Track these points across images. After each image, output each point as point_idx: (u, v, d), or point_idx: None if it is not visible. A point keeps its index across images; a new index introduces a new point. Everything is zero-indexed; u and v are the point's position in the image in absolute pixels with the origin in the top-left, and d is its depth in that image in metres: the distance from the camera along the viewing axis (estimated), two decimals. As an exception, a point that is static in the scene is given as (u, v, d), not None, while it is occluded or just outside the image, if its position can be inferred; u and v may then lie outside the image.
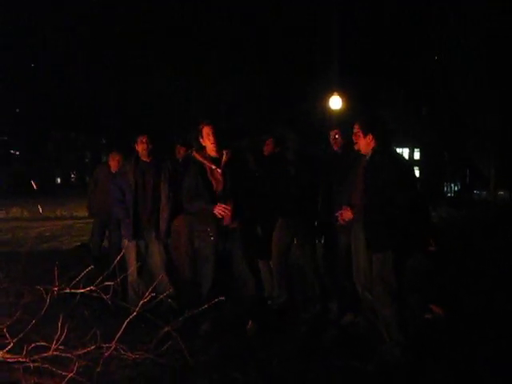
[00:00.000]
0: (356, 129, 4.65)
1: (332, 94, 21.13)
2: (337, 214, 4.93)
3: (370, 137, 4.56)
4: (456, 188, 38.25)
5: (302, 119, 26.35)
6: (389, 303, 4.42)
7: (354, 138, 4.72)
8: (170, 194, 5.54)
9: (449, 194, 36.75)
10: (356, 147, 4.70)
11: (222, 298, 4.49)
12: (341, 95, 20.98)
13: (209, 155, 5.14)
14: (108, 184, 6.79)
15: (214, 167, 5.10)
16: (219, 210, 4.91)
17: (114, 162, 7.01)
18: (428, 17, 29.47)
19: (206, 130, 5.06)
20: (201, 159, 5.14)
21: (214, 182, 5.11)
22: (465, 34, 27.68)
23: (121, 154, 7.04)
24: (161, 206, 5.53)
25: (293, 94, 29.00)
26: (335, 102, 20.97)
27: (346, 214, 4.78)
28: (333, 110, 20.93)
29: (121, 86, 30.26)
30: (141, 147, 5.56)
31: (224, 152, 5.12)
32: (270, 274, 6.02)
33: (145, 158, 5.61)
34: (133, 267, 5.52)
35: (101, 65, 30.16)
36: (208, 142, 5.08)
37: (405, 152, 66.19)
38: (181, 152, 6.70)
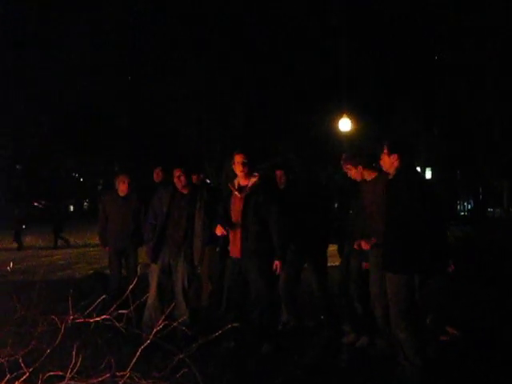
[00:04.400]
0: (384, 147, 4.71)
1: (341, 116, 21.07)
2: (356, 244, 5.06)
3: (394, 156, 4.62)
4: (469, 206, 37.86)
5: (311, 143, 26.43)
6: (403, 326, 4.39)
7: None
8: (206, 224, 5.59)
9: (462, 213, 36.39)
10: (381, 163, 4.77)
11: (237, 325, 4.50)
12: (350, 117, 20.92)
13: (238, 182, 5.24)
14: (118, 210, 6.79)
15: (236, 193, 5.18)
16: (218, 230, 5.07)
17: (123, 186, 6.91)
18: (437, 37, 29.62)
19: (237, 158, 5.18)
20: (230, 186, 5.28)
21: (232, 209, 5.20)
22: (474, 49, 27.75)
23: (129, 177, 6.97)
24: (195, 234, 5.59)
25: (301, 118, 29.09)
26: (344, 124, 20.89)
27: (364, 245, 4.90)
28: (342, 133, 20.87)
29: (135, 110, 30.57)
30: (176, 180, 5.64)
31: (251, 179, 5.19)
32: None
33: (182, 190, 5.68)
34: (153, 290, 5.57)
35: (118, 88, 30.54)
36: (237, 170, 5.19)
37: (416, 171, 66.22)
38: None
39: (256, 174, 5.26)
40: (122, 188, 6.87)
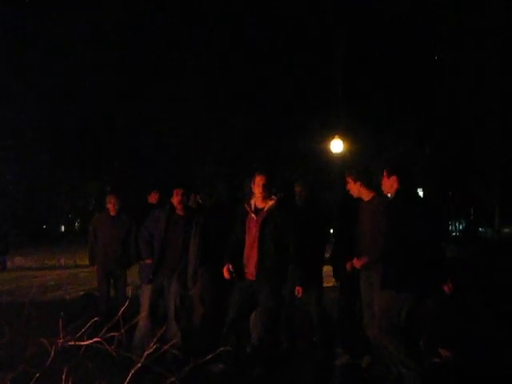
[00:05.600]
0: (383, 171, 4.75)
1: (333, 138, 21.05)
2: (348, 264, 5.08)
3: (393, 178, 4.63)
4: (461, 226, 37.59)
5: (304, 163, 26.47)
6: (387, 341, 4.39)
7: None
8: (200, 249, 5.59)
9: (454, 233, 36.17)
10: (382, 187, 4.81)
11: (229, 349, 4.47)
12: (342, 138, 20.90)
13: (254, 204, 5.20)
14: (108, 230, 6.80)
15: (252, 215, 5.16)
16: (225, 273, 5.04)
17: (110, 205, 6.98)
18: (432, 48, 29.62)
19: (257, 180, 5.14)
20: (246, 207, 5.23)
21: (247, 231, 5.17)
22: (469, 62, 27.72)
23: (117, 196, 7.04)
24: (189, 259, 5.58)
25: (294, 137, 29.09)
26: (336, 146, 20.86)
27: (356, 264, 4.93)
28: (334, 154, 20.84)
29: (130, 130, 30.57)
30: (176, 200, 5.62)
31: (268, 202, 5.16)
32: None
33: (179, 212, 5.66)
34: (145, 311, 5.54)
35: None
36: (256, 191, 5.15)
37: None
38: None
39: (274, 197, 5.25)
40: (110, 207, 6.94)
